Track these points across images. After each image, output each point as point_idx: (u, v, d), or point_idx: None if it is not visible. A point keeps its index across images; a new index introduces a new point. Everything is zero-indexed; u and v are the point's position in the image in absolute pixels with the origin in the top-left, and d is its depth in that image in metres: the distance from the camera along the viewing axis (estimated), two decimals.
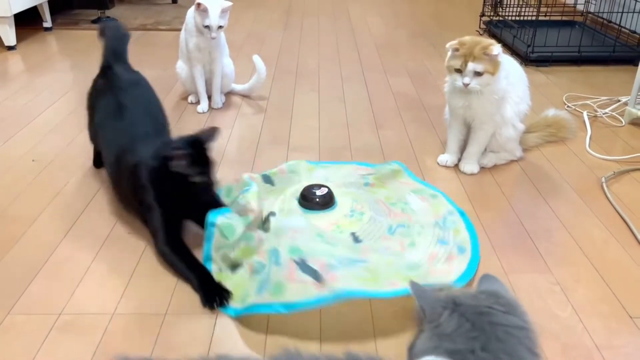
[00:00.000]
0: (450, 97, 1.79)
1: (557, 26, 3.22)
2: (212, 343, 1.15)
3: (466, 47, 1.66)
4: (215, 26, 2.12)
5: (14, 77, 2.66)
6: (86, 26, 3.53)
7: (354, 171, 1.74)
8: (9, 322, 1.19)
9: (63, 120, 2.18)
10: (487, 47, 1.64)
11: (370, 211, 1.46)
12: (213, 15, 2.10)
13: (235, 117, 2.26)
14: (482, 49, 1.64)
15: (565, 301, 1.27)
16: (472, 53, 1.64)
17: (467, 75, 1.66)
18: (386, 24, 3.79)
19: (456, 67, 1.68)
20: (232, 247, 1.31)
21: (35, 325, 1.18)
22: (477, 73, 1.65)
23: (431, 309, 0.77)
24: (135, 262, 1.39)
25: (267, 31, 3.55)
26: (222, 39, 2.28)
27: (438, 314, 0.77)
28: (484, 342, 0.73)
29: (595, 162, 1.92)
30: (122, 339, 1.15)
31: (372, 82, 2.67)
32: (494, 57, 1.64)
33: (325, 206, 1.45)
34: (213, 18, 2.10)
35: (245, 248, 1.30)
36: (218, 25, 2.12)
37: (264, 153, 1.95)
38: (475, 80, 1.66)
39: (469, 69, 1.65)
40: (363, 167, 1.78)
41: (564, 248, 1.46)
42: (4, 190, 1.69)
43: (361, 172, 1.73)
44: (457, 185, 1.76)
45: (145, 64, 2.87)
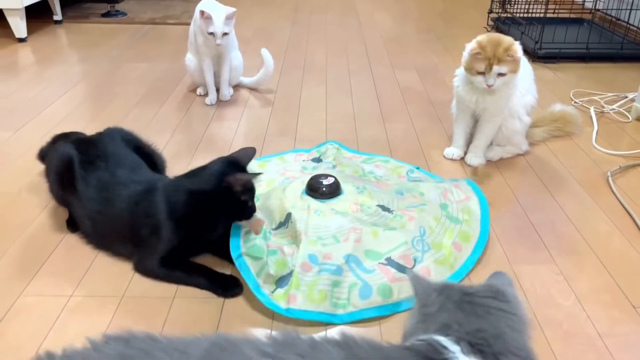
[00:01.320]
0: (462, 92, 1.79)
1: (565, 23, 3.22)
2: (219, 326, 1.17)
3: (488, 50, 1.66)
4: (219, 33, 2.13)
5: (24, 69, 2.69)
6: (95, 20, 3.56)
7: (298, 162, 1.79)
8: (21, 303, 1.22)
9: (72, 111, 2.21)
10: (509, 48, 1.65)
11: (367, 185, 1.56)
12: (217, 23, 2.11)
13: (243, 109, 2.28)
14: (504, 50, 1.65)
15: (568, 290, 1.28)
16: (496, 56, 1.65)
17: (491, 77, 1.67)
18: (394, 20, 3.80)
19: (480, 70, 1.68)
20: (268, 264, 1.27)
21: (47, 306, 1.21)
22: (501, 74, 1.67)
23: (423, 292, 0.82)
24: None
25: (275, 27, 3.56)
26: (232, 34, 2.30)
27: (427, 296, 0.81)
28: (462, 317, 0.77)
29: (601, 156, 1.92)
30: (131, 321, 1.17)
31: (379, 76, 2.68)
32: (518, 58, 1.65)
33: (332, 195, 1.47)
34: (217, 25, 2.11)
35: (278, 261, 1.28)
36: (222, 32, 2.13)
37: (271, 145, 1.97)
38: (499, 81, 1.68)
39: (494, 71, 1.66)
40: (301, 152, 1.88)
41: (568, 239, 1.47)
42: (18, 176, 1.72)
43: (303, 158, 1.81)
44: (462, 177, 1.77)
45: (154, 57, 2.90)
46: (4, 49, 2.94)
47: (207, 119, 2.18)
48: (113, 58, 2.87)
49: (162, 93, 2.41)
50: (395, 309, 1.22)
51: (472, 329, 0.76)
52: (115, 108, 2.24)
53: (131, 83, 2.52)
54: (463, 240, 1.41)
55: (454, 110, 1.90)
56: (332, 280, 1.23)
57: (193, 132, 2.06)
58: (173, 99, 2.37)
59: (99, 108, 2.24)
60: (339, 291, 1.22)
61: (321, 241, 1.32)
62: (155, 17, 3.64)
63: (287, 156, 1.85)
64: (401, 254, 1.32)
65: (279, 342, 0.69)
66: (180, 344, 0.70)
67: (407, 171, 1.76)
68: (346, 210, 1.43)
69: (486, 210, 1.51)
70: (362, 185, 1.56)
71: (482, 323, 0.77)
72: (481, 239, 1.43)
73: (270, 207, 1.47)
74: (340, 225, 1.37)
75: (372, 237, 1.34)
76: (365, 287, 1.23)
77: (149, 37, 3.26)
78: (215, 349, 0.67)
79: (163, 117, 2.18)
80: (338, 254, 1.28)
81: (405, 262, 1.30)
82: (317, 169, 1.72)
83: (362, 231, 1.35)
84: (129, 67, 2.74)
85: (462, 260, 1.36)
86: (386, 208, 1.48)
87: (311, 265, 1.26)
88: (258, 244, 1.31)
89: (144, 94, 2.39)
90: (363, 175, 1.72)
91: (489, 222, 1.48)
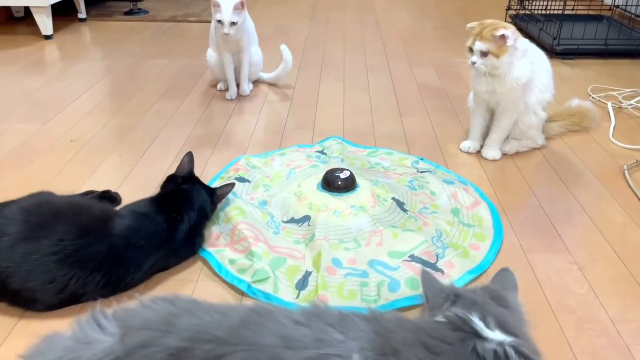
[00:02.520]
0: (474, 81, 1.82)
1: (583, 20, 3.20)
2: None
3: (480, 27, 1.70)
4: (227, 22, 2.14)
5: (50, 65, 2.77)
6: (118, 17, 3.64)
7: (301, 153, 1.82)
8: None
9: (97, 105, 2.27)
10: (495, 28, 1.67)
11: (379, 177, 1.61)
12: (225, 11, 2.14)
13: (262, 104, 2.33)
14: (491, 29, 1.67)
15: (582, 279, 1.30)
16: (481, 33, 1.68)
17: (475, 54, 1.70)
18: (412, 17, 3.82)
19: (469, 45, 1.73)
20: (279, 278, 1.27)
21: None
22: (483, 53, 1.69)
23: (434, 298, 0.86)
24: None
25: (293, 24, 3.61)
26: (251, 29, 2.34)
27: (439, 304, 0.84)
28: (480, 303, 0.81)
29: (618, 150, 1.93)
30: None
31: (396, 72, 2.71)
32: (499, 40, 1.66)
33: (348, 189, 1.51)
34: (225, 14, 2.14)
35: (289, 269, 1.29)
36: (230, 21, 2.15)
37: (289, 138, 2.01)
38: (481, 60, 1.70)
39: (475, 47, 1.69)
40: (304, 147, 1.90)
41: (582, 230, 1.49)
42: (46, 167, 1.78)
43: (307, 152, 1.83)
44: (479, 171, 1.80)
45: (175, 53, 2.96)
46: (31, 46, 3.03)
47: (228, 113, 2.23)
48: (135, 54, 2.94)
49: (183, 88, 2.47)
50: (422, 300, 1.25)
51: (490, 310, 0.79)
52: (138, 102, 2.31)
53: (153, 78, 2.58)
54: (479, 240, 1.43)
55: (471, 103, 1.92)
56: (360, 281, 1.26)
57: (214, 126, 2.11)
58: (194, 93, 2.42)
59: (123, 102, 2.30)
60: (368, 290, 1.24)
61: (343, 244, 1.35)
62: (176, 15, 3.70)
63: (289, 150, 1.87)
64: (423, 251, 1.35)
65: (310, 312, 0.74)
66: (220, 307, 0.77)
67: (412, 162, 1.80)
68: (364, 205, 1.46)
69: (497, 216, 1.53)
70: (374, 178, 1.60)
71: (493, 310, 0.80)
72: (497, 238, 1.44)
73: (285, 200, 1.51)
74: (360, 228, 1.40)
75: (393, 238, 1.37)
76: (393, 282, 1.25)
77: (170, 35, 3.32)
78: (252, 314, 0.73)
79: (184, 111, 2.24)
80: (362, 258, 1.31)
81: (428, 258, 1.33)
82: (321, 160, 1.76)
83: (382, 234, 1.38)
84: (151, 63, 2.80)
85: (482, 256, 1.37)
86: (401, 202, 1.51)
87: (336, 269, 1.28)
88: (259, 267, 1.28)
89: (165, 89, 2.45)
90: (371, 167, 1.75)
91: (501, 226, 1.49)
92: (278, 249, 1.36)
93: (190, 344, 0.69)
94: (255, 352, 0.67)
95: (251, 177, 1.66)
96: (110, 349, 0.71)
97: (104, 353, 0.71)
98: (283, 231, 1.42)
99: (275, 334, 0.69)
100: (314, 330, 0.70)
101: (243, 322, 0.71)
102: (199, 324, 0.71)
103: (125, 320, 0.74)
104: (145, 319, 0.73)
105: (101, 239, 1.18)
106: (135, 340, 0.70)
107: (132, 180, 1.72)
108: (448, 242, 1.40)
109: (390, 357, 0.68)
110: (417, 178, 1.65)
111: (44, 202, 1.26)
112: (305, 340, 0.69)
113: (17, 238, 1.13)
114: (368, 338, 0.70)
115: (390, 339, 0.70)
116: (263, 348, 0.68)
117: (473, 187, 1.66)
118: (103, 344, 0.72)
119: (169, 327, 0.71)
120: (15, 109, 2.22)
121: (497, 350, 0.72)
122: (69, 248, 1.14)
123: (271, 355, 0.67)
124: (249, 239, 1.36)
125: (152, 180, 1.71)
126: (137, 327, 0.72)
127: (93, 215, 1.24)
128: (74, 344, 0.74)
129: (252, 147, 1.94)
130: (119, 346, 0.71)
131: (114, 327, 0.74)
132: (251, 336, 0.69)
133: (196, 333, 0.70)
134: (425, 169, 1.74)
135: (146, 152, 1.89)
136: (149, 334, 0.71)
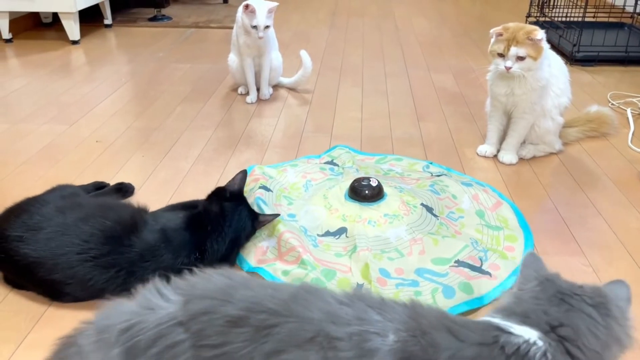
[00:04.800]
0: (493, 84, 1.83)
1: (604, 27, 3.19)
2: None
3: (510, 31, 1.70)
4: (262, 26, 2.21)
5: (77, 69, 2.85)
6: (143, 24, 3.73)
7: (313, 164, 1.80)
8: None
9: (122, 108, 2.34)
10: (530, 32, 1.68)
11: (401, 183, 1.64)
12: (260, 16, 2.20)
13: (281, 108, 2.37)
14: (525, 33, 1.68)
15: (596, 281, 1.31)
16: (516, 37, 1.69)
17: (509, 59, 1.71)
18: (431, 24, 3.84)
19: (499, 52, 1.72)
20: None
21: None
22: (520, 57, 1.69)
23: (524, 277, 0.86)
24: None
25: (313, 30, 3.66)
26: (272, 34, 2.39)
27: (527, 282, 0.85)
28: (549, 315, 0.78)
29: (637, 156, 1.93)
30: None
31: (414, 78, 2.74)
32: (538, 42, 1.67)
33: (375, 198, 1.50)
34: (260, 18, 2.20)
35: (340, 281, 1.28)
36: (265, 25, 2.22)
37: (308, 141, 2.05)
38: (518, 65, 1.70)
39: (511, 53, 1.69)
40: (312, 159, 1.87)
41: (598, 233, 1.50)
42: (73, 166, 1.84)
43: (319, 162, 1.83)
44: (495, 175, 1.81)
45: (198, 58, 3.02)
46: (59, 50, 3.12)
47: (248, 116, 2.27)
48: (159, 59, 3.01)
49: (205, 92, 2.53)
50: (481, 302, 1.24)
51: (551, 320, 0.77)
52: (161, 105, 2.37)
53: (176, 82, 2.65)
54: (511, 242, 1.44)
55: (488, 108, 1.94)
56: (413, 291, 1.25)
57: (234, 129, 2.15)
58: (215, 97, 2.48)
59: (146, 105, 2.36)
60: (423, 299, 1.23)
61: (386, 255, 1.35)
62: (198, 21, 3.78)
63: (300, 162, 1.85)
64: (467, 255, 1.36)
65: (352, 295, 0.79)
66: (271, 284, 0.84)
67: (422, 167, 1.82)
68: (397, 213, 1.46)
69: (521, 215, 1.55)
70: (396, 184, 1.61)
71: (563, 318, 0.78)
72: (527, 237, 1.46)
73: (314, 213, 1.49)
74: (399, 237, 1.40)
75: (434, 245, 1.38)
76: (446, 288, 1.26)
77: (192, 40, 3.40)
78: (301, 291, 0.79)
79: (206, 114, 2.29)
80: (408, 268, 1.32)
81: (474, 262, 1.34)
82: (335, 172, 1.74)
83: (422, 241, 1.39)
84: (174, 67, 2.87)
85: (519, 256, 1.39)
86: (430, 208, 1.51)
87: (385, 279, 1.28)
88: (314, 277, 1.28)
89: (188, 93, 2.51)
90: (385, 174, 1.76)
91: (528, 225, 1.51)
92: (324, 262, 1.33)
93: (246, 313, 0.75)
94: (303, 324, 0.73)
95: (271, 186, 1.65)
96: (174, 314, 0.77)
97: (168, 318, 0.77)
98: (321, 245, 1.40)
99: (321, 310, 0.75)
100: (355, 310, 0.76)
101: (293, 297, 0.77)
102: (254, 295, 0.77)
103: (187, 289, 0.80)
104: (206, 289, 0.79)
105: (123, 251, 1.20)
106: (198, 307, 0.76)
107: (154, 179, 1.77)
108: (484, 247, 1.41)
109: (419, 338, 0.73)
110: (437, 182, 1.65)
111: (77, 203, 1.29)
112: (348, 318, 0.74)
113: (50, 233, 1.19)
114: (402, 320, 0.76)
115: (420, 323, 0.75)
116: (311, 321, 0.74)
117: (491, 189, 1.68)
118: (166, 309, 0.78)
119: (227, 297, 0.77)
120: (44, 110, 2.30)
121: (522, 347, 0.73)
122: (91, 252, 1.18)
123: (318, 328, 0.73)
124: (297, 248, 1.34)
125: (174, 180, 1.76)
126: (198, 296, 0.78)
127: (122, 223, 1.24)
128: (139, 309, 0.79)
129: (271, 149, 1.98)
130: (182, 312, 0.77)
131: (175, 295, 0.80)
132: (300, 310, 0.75)
133: (251, 304, 0.76)
134: (439, 173, 1.76)
135: (168, 153, 1.94)
136: (209, 302, 0.77)
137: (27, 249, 1.18)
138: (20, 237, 1.19)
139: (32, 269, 1.18)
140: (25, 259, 1.18)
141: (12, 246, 1.19)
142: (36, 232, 1.19)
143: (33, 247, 1.18)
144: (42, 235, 1.18)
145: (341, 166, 1.80)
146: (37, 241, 1.18)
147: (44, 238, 1.18)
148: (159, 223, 1.28)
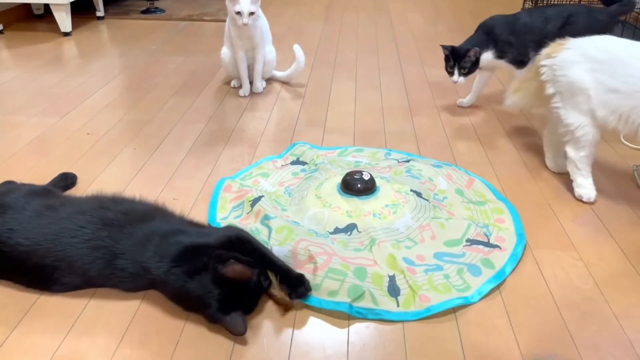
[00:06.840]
0: None
1: None
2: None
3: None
4: (246, 12, 2.17)
5: (68, 61, 2.83)
6: (135, 16, 3.70)
7: (283, 171, 1.75)
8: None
9: (113, 101, 2.32)
10: None
11: (379, 172, 1.67)
12: (244, 2, 2.17)
13: (274, 101, 2.36)
14: None
15: (587, 275, 1.31)
16: None
17: None
18: (425, 19, 3.83)
19: None
20: (372, 291, 1.22)
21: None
22: None
23: None
24: None
25: (307, 24, 3.64)
26: (265, 27, 2.38)
27: None
28: None
29: (629, 152, 1.93)
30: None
31: (408, 73, 2.73)
32: None
33: (368, 191, 1.51)
34: (243, 4, 2.17)
35: (374, 275, 1.26)
36: (249, 11, 2.18)
37: (300, 134, 2.04)
38: None
39: None
40: (275, 159, 1.81)
41: (589, 228, 1.50)
42: (64, 158, 1.83)
43: (281, 164, 1.79)
44: (488, 169, 1.81)
45: (190, 51, 3.00)
46: (51, 42, 3.09)
47: (241, 109, 2.26)
48: (151, 52, 2.99)
49: (197, 85, 2.51)
50: (503, 275, 1.29)
51: None
52: (153, 98, 2.35)
53: (168, 75, 2.63)
54: (499, 213, 1.51)
55: None
56: (442, 274, 1.28)
57: (227, 122, 2.14)
58: (208, 90, 2.46)
59: (138, 98, 2.35)
60: (453, 280, 1.26)
61: (403, 244, 1.37)
62: (192, 14, 3.76)
63: (265, 164, 1.79)
64: (474, 233, 1.42)
65: None
66: None
67: (384, 154, 1.85)
68: (397, 202, 1.49)
69: (493, 188, 1.63)
70: (379, 175, 1.63)
71: None
72: (511, 207, 1.54)
73: (316, 216, 1.47)
74: (408, 226, 1.43)
75: (442, 229, 1.43)
76: (470, 267, 1.30)
77: (185, 33, 3.37)
78: None
79: (198, 107, 2.28)
80: (427, 253, 1.35)
81: (482, 239, 1.40)
82: (307, 171, 1.72)
83: (430, 227, 1.43)
84: (167, 60, 2.85)
85: (512, 226, 1.46)
86: (418, 193, 1.56)
87: (413, 267, 1.29)
88: (350, 284, 1.22)
89: (180, 86, 2.50)
90: (356, 165, 1.75)
91: (501, 195, 1.60)
92: (350, 260, 1.30)
93: None
94: None
95: (258, 195, 1.57)
96: None
97: None
98: (335, 242, 1.38)
99: None
100: None
101: None
102: None
103: None
104: None
105: (120, 237, 1.21)
106: None
107: (145, 172, 1.75)
108: (484, 223, 1.46)
109: None
110: (410, 167, 1.70)
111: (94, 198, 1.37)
112: None
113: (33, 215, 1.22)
114: None
115: None
116: None
117: (458, 168, 1.76)
118: None
119: None
120: (34, 102, 2.28)
121: None
122: (87, 235, 1.20)
123: None
124: (319, 256, 1.29)
125: (165, 173, 1.75)
126: None
127: (130, 214, 1.26)
128: None
129: (264, 143, 1.97)
130: None
131: None
132: None
133: None
134: (406, 159, 1.80)
135: (160, 146, 1.93)
136: None
137: (19, 238, 1.19)
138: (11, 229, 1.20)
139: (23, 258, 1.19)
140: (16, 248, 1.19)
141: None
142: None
143: (25, 236, 1.19)
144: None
145: (310, 163, 1.78)
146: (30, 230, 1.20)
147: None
148: (187, 239, 1.21)
